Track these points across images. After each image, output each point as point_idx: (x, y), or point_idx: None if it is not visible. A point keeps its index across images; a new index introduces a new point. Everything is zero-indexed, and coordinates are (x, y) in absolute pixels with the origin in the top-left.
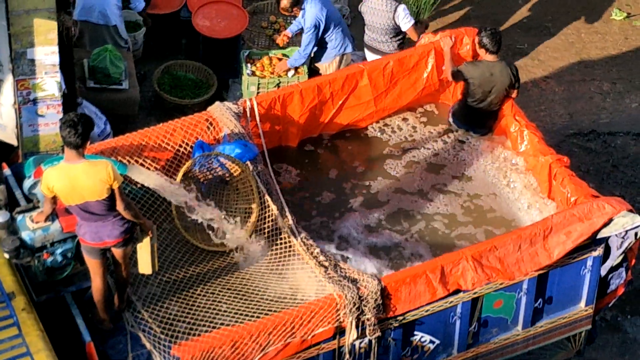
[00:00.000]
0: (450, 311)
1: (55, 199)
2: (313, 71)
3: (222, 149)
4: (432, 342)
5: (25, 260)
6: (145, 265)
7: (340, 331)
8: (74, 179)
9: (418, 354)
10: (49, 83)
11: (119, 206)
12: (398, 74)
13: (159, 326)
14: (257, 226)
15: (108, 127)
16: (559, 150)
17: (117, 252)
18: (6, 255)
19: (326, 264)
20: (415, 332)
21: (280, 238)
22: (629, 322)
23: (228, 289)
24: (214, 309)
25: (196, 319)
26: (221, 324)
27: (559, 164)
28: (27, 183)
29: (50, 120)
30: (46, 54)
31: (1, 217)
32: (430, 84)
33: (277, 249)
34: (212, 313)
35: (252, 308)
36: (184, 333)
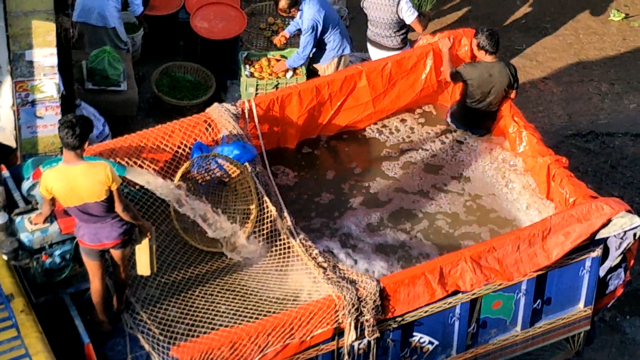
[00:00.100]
0: (449, 312)
1: (53, 200)
2: (311, 72)
3: (220, 150)
4: (431, 343)
5: (24, 261)
6: (144, 266)
7: (339, 332)
8: (72, 181)
9: (417, 355)
10: (48, 85)
11: (118, 208)
12: (396, 75)
13: (157, 327)
14: (255, 227)
15: (106, 128)
16: (557, 151)
17: (116, 254)
18: (5, 257)
19: (325, 265)
20: (414, 333)
21: (279, 239)
22: (627, 322)
23: (227, 290)
24: (213, 310)
25: (195, 320)
26: (220, 325)
27: (558, 164)
28: (25, 185)
29: (48, 122)
30: (44, 55)
31: (0, 218)
32: (428, 85)
33: (276, 250)
34: (211, 314)
35: (251, 309)
36: (182, 334)
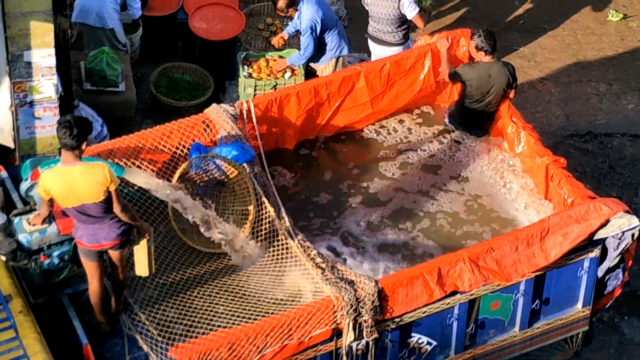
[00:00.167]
0: (447, 313)
1: (52, 201)
2: (310, 73)
3: (218, 151)
4: (429, 343)
5: (22, 262)
6: (142, 267)
7: (337, 333)
8: (70, 182)
9: (415, 356)
10: (46, 85)
11: (116, 208)
12: (394, 76)
13: (156, 328)
14: (254, 228)
15: (105, 129)
16: (555, 151)
17: (114, 255)
18: (3, 258)
19: (323, 265)
20: (413, 334)
21: (278, 240)
22: (626, 323)
23: (225, 291)
24: (211, 311)
25: (193, 321)
26: (218, 326)
27: (556, 165)
28: (24, 185)
29: (47, 123)
30: (43, 56)
31: None
32: (426, 86)
33: (274, 251)
34: (209, 315)
35: (249, 310)
36: (181, 335)
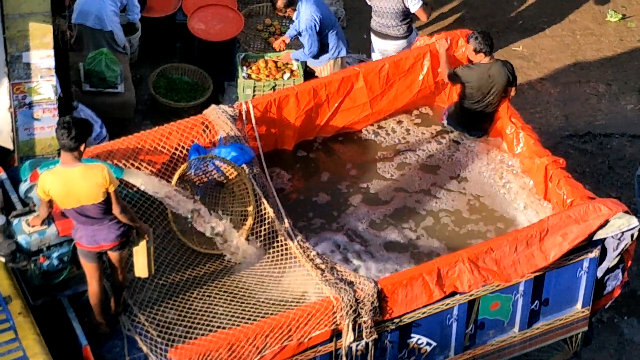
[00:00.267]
0: (446, 313)
1: (51, 202)
2: (308, 74)
3: (218, 152)
4: (429, 344)
5: (22, 264)
6: (141, 268)
7: (337, 334)
8: (69, 183)
9: (415, 356)
10: (45, 87)
11: (115, 210)
12: (394, 77)
13: (155, 330)
14: (253, 229)
15: (104, 130)
16: (554, 152)
17: (114, 256)
18: (2, 259)
19: (322, 266)
20: (412, 335)
21: (277, 241)
22: (625, 323)
23: (225, 292)
24: (211, 312)
25: (193, 322)
26: (218, 327)
27: (555, 165)
28: (23, 187)
29: (46, 124)
30: (42, 57)
31: None
32: (425, 87)
33: (273, 252)
34: (208, 316)
35: (249, 311)
36: (180, 336)
